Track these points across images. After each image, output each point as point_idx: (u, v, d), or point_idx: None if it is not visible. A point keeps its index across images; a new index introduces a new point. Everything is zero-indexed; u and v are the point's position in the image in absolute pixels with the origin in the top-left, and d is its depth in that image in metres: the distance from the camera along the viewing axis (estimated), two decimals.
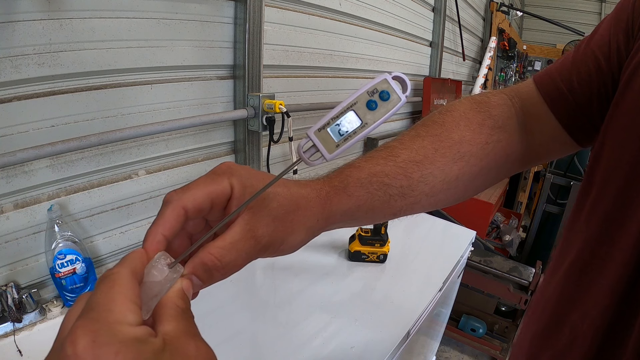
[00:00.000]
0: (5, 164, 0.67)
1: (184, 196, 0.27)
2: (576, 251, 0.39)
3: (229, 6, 1.04)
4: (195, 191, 0.28)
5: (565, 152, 0.46)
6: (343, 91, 1.62)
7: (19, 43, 0.68)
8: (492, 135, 0.42)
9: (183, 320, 0.24)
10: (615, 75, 0.38)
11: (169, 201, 0.27)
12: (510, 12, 3.76)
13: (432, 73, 2.48)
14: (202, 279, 0.27)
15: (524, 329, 0.48)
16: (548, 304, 0.42)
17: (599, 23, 0.42)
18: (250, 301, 0.90)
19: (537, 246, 2.60)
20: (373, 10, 1.69)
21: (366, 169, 0.37)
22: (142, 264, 0.25)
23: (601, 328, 0.34)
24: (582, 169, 2.55)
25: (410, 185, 0.38)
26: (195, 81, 1.01)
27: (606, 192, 0.36)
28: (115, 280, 0.23)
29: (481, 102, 0.45)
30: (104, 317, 0.21)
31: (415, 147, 0.39)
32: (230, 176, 0.29)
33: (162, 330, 0.23)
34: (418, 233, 1.32)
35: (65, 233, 0.78)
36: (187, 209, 0.27)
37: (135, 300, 0.22)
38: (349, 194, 0.35)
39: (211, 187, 0.28)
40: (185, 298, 0.25)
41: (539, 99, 0.44)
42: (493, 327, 1.97)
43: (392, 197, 0.37)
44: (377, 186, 0.36)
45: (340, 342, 0.77)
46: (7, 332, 0.72)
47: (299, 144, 0.27)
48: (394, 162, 0.38)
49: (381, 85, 0.27)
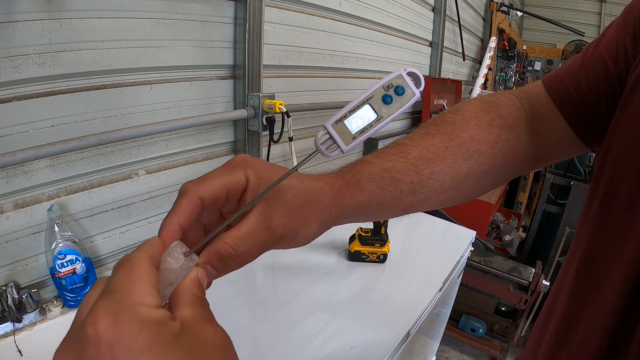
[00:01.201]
0: (5, 164, 0.67)
1: (200, 187, 0.28)
2: (585, 251, 0.39)
3: (229, 6, 1.04)
4: (211, 182, 0.28)
5: (573, 153, 0.47)
6: (343, 91, 1.62)
7: (19, 43, 0.68)
8: (501, 135, 0.43)
9: (199, 307, 0.24)
10: (622, 78, 0.39)
11: (185, 191, 0.28)
12: (510, 12, 3.76)
13: (432, 73, 2.49)
14: (217, 268, 0.28)
15: (536, 330, 0.48)
16: (560, 304, 0.43)
17: (607, 26, 0.43)
18: (250, 301, 0.90)
19: (537, 246, 2.60)
20: (373, 10, 1.69)
21: (378, 164, 0.38)
22: (159, 251, 0.25)
23: (611, 327, 0.35)
24: (582, 169, 2.55)
25: (420, 181, 0.39)
26: (195, 81, 1.01)
27: (614, 193, 0.36)
28: (135, 264, 0.23)
29: (491, 102, 0.46)
30: (125, 299, 0.21)
31: (426, 144, 0.40)
32: (245, 168, 0.29)
33: (180, 315, 0.23)
34: (418, 233, 1.32)
35: (65, 233, 0.78)
36: (203, 199, 0.27)
37: (154, 284, 0.23)
38: (360, 188, 0.36)
39: (227, 178, 0.29)
40: (201, 286, 0.26)
41: (548, 101, 0.45)
42: (493, 327, 1.97)
43: (402, 193, 0.38)
44: (388, 181, 0.37)
45: (340, 342, 0.77)
46: (7, 332, 0.72)
47: (316, 136, 0.28)
48: (405, 158, 0.39)
49: (396, 80, 0.28)
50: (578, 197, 2.25)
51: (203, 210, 0.28)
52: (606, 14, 4.73)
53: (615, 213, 0.36)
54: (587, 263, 0.39)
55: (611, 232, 0.36)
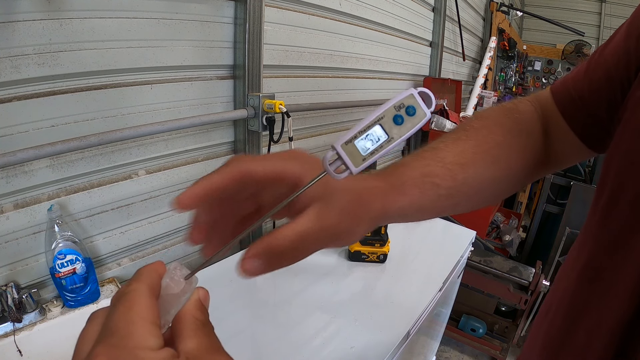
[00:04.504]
0: (5, 164, 0.67)
1: (249, 162, 0.27)
2: (590, 255, 0.39)
3: (229, 6, 1.04)
4: (265, 162, 0.27)
5: (581, 157, 0.48)
6: (343, 91, 1.62)
7: (19, 43, 0.68)
8: (522, 141, 0.44)
9: (204, 336, 0.23)
10: (624, 82, 0.39)
11: (230, 162, 0.26)
12: (510, 12, 3.76)
13: (432, 73, 2.48)
14: (266, 263, 0.27)
15: (535, 331, 0.48)
16: (562, 307, 0.42)
17: (617, 28, 0.43)
18: (250, 301, 0.90)
19: (537, 246, 2.60)
20: (373, 10, 1.69)
21: (418, 168, 0.38)
22: (159, 277, 0.24)
23: (618, 330, 0.34)
24: (582, 169, 2.55)
25: (455, 186, 0.39)
26: (195, 81, 1.01)
27: (620, 197, 0.36)
28: (133, 300, 0.22)
29: (510, 109, 0.47)
30: (125, 343, 0.20)
31: (459, 150, 0.41)
32: (303, 162, 0.29)
33: (184, 349, 0.22)
34: (418, 233, 1.32)
35: (65, 233, 0.78)
36: (248, 173, 0.26)
37: (155, 321, 0.22)
38: (404, 192, 0.36)
39: (282, 163, 0.28)
40: (203, 309, 0.25)
41: (554, 107, 0.46)
42: (493, 327, 1.97)
43: (440, 198, 0.38)
44: (428, 186, 0.37)
45: (340, 342, 0.78)
46: (7, 332, 0.71)
47: (325, 156, 0.27)
48: (442, 163, 0.39)
49: (408, 101, 0.28)
50: (578, 197, 2.25)
51: (242, 186, 0.26)
52: (606, 14, 4.73)
53: (621, 217, 0.36)
54: (591, 266, 0.39)
55: (617, 237, 0.36)
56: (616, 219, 0.36)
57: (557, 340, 0.41)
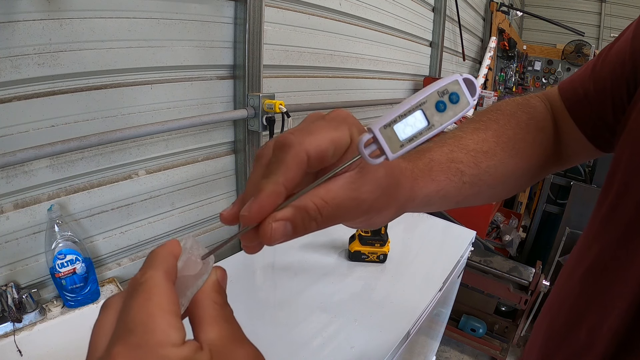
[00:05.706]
0: (5, 164, 0.67)
1: (306, 140, 0.24)
2: (595, 255, 0.39)
3: (229, 6, 1.04)
4: (318, 136, 0.24)
5: (589, 156, 0.47)
6: (343, 91, 1.62)
7: (19, 43, 0.68)
8: (537, 135, 0.44)
9: (224, 322, 0.22)
10: (630, 82, 0.38)
11: (289, 145, 0.23)
12: (510, 12, 3.76)
13: (432, 73, 2.49)
14: (297, 226, 0.24)
15: (537, 330, 0.48)
16: (564, 306, 0.42)
17: (626, 27, 0.42)
18: (250, 301, 0.90)
19: (537, 246, 2.60)
20: (373, 10, 1.69)
21: (444, 154, 0.37)
22: (175, 259, 0.23)
23: (620, 331, 0.34)
24: (582, 169, 2.55)
25: (478, 174, 0.39)
26: (195, 81, 1.01)
27: (626, 197, 0.36)
28: (151, 290, 0.20)
29: (524, 104, 0.46)
30: (146, 341, 0.19)
31: (480, 138, 0.40)
32: (351, 125, 0.26)
33: (206, 339, 0.21)
34: (418, 233, 1.32)
35: (65, 233, 0.78)
36: (310, 155, 0.24)
37: (176, 311, 0.20)
38: (432, 177, 0.35)
39: (334, 133, 0.25)
40: (221, 290, 0.24)
41: (562, 105, 0.46)
42: (493, 327, 1.97)
43: (464, 185, 0.38)
44: (454, 172, 0.37)
45: (340, 342, 0.77)
46: (7, 332, 0.71)
47: (360, 138, 0.24)
48: (465, 150, 0.39)
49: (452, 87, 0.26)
50: (578, 197, 2.25)
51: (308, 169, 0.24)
52: (606, 14, 4.73)
53: (627, 217, 0.35)
54: (595, 266, 0.38)
55: (622, 237, 0.36)
56: (622, 219, 0.36)
57: (558, 338, 0.41)
